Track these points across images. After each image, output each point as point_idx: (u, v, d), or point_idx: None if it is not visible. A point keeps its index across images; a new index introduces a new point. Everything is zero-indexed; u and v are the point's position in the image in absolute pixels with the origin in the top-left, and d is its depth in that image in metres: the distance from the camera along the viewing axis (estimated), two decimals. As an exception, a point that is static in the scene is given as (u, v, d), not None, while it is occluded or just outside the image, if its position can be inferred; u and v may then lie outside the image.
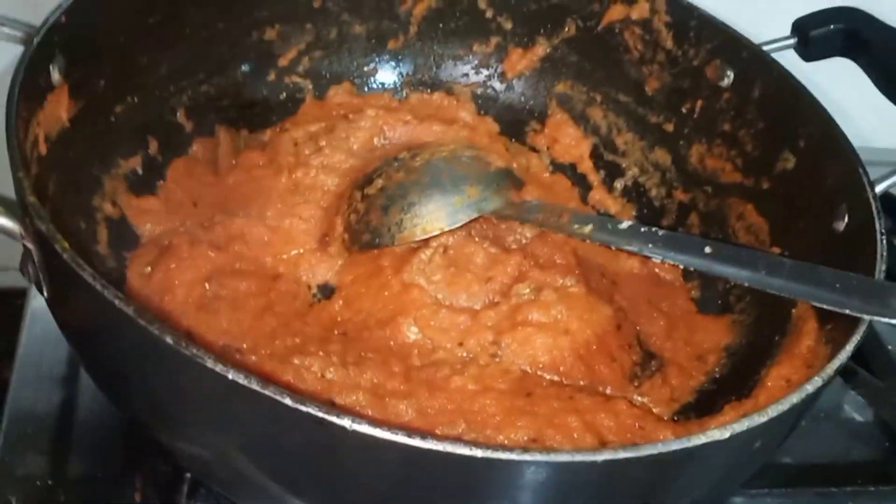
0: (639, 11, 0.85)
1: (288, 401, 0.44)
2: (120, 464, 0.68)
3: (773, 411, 0.49)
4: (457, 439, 0.46)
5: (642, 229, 0.67)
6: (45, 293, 0.52)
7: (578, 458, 0.45)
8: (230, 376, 0.44)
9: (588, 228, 0.70)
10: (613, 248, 0.73)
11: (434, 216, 0.74)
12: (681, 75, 0.85)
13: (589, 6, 0.87)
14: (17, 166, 0.52)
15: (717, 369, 0.75)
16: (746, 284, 0.61)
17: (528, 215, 0.74)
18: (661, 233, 0.66)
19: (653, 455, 0.46)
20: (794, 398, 0.50)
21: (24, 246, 0.52)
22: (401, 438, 0.43)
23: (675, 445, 0.47)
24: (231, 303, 0.70)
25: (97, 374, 0.59)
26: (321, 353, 0.67)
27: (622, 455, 0.45)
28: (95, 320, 0.50)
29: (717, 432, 0.47)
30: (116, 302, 0.46)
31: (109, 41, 0.71)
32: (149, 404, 0.53)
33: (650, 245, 0.66)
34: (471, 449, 0.44)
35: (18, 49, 0.82)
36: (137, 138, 0.76)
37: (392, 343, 0.70)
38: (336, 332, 0.71)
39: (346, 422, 0.44)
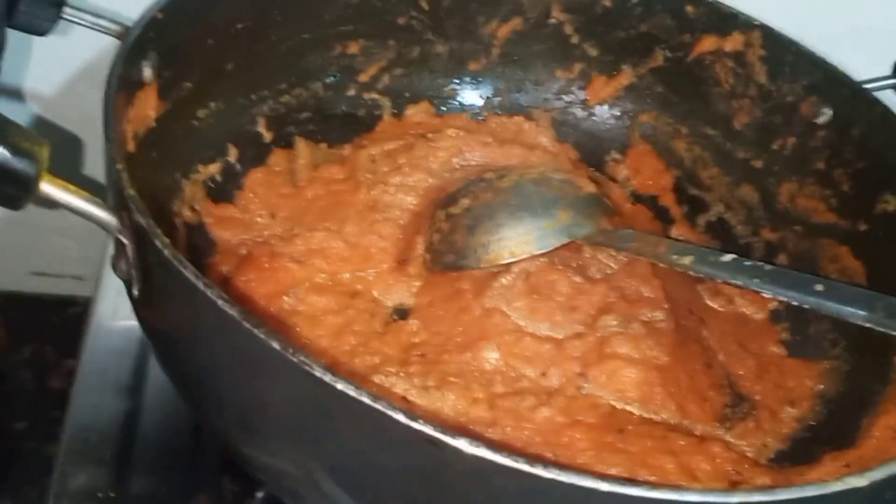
0: (732, 44, 0.82)
1: (401, 417, 0.41)
2: (185, 481, 0.65)
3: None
4: (583, 470, 0.43)
5: (746, 263, 0.64)
6: (136, 291, 0.50)
7: (711, 498, 0.41)
8: (339, 387, 0.42)
9: (688, 260, 0.67)
10: (719, 280, 0.69)
11: (523, 239, 0.71)
12: (773, 111, 0.82)
13: (679, 37, 0.84)
14: (115, 158, 0.50)
15: (811, 416, 0.71)
16: (867, 325, 0.58)
17: (622, 243, 0.71)
18: (767, 267, 0.63)
19: (788, 500, 0.42)
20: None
21: (118, 241, 0.49)
22: (522, 466, 0.40)
23: (812, 491, 0.43)
24: (310, 318, 0.67)
25: (181, 380, 0.56)
26: (402, 374, 0.64)
27: (757, 498, 0.42)
28: (191, 321, 0.47)
29: (855, 479, 0.44)
30: (220, 302, 0.43)
31: (199, 44, 0.70)
32: (238, 413, 0.50)
33: (756, 280, 0.63)
34: (597, 482, 0.40)
35: (100, 41, 0.82)
36: (218, 145, 0.75)
37: (473, 368, 0.67)
38: (415, 353, 0.68)
39: (462, 443, 0.41)
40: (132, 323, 0.74)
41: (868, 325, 0.58)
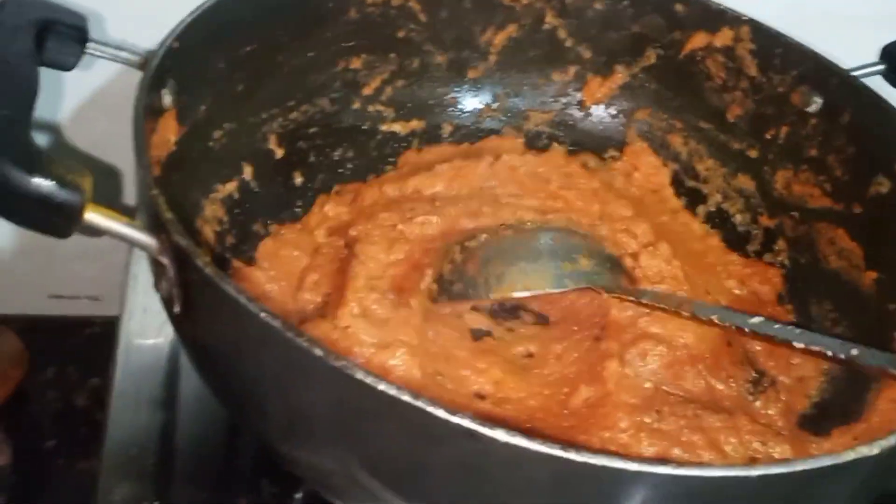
0: (722, 39, 0.85)
1: (442, 413, 0.44)
2: (224, 486, 0.67)
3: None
4: (612, 452, 0.45)
5: (776, 325, 0.64)
6: (177, 308, 0.52)
7: (732, 473, 0.44)
8: (380, 387, 0.44)
9: (715, 317, 0.67)
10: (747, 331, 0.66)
11: (539, 275, 0.70)
12: (765, 102, 0.85)
13: (670, 35, 0.87)
14: (149, 185, 0.52)
15: (817, 394, 0.74)
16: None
17: (643, 297, 0.71)
18: (797, 330, 0.64)
19: (806, 470, 0.45)
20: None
21: (157, 262, 0.52)
22: (558, 452, 0.43)
23: (826, 461, 0.46)
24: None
25: (223, 390, 0.58)
26: None
27: (775, 471, 0.45)
28: (234, 335, 0.50)
29: (865, 448, 0.47)
30: (262, 315, 0.46)
31: (212, 68, 0.72)
32: (281, 418, 0.53)
33: (787, 336, 0.63)
34: (625, 462, 0.43)
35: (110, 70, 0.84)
36: (233, 164, 0.77)
37: None
38: None
39: (498, 434, 0.43)
40: (160, 340, 0.77)
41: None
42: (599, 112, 0.93)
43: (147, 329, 0.77)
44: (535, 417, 0.66)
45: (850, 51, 0.84)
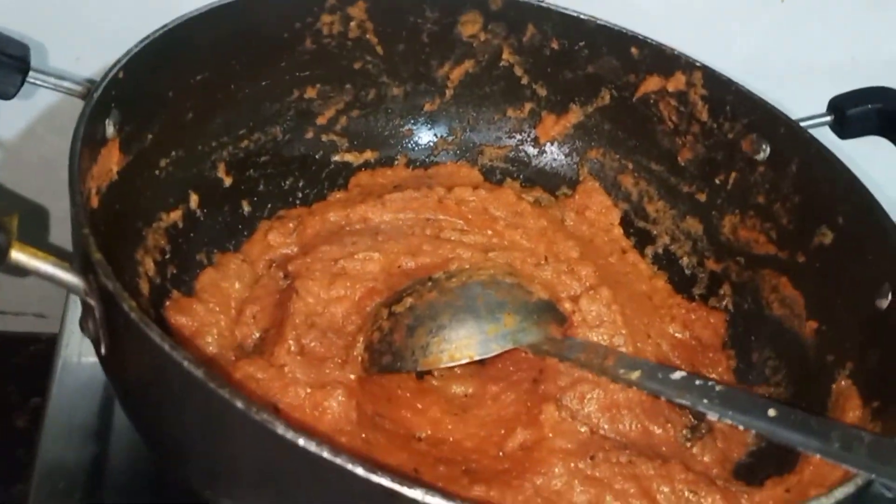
0: (675, 84, 0.86)
1: (360, 470, 0.43)
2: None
3: (840, 494, 0.49)
4: None
5: (697, 382, 0.65)
6: (103, 350, 0.52)
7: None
8: (300, 443, 0.44)
9: (636, 375, 0.67)
10: (663, 398, 0.68)
11: (464, 343, 0.70)
12: (715, 147, 0.86)
13: (625, 77, 0.88)
14: (81, 223, 0.52)
15: (754, 442, 0.74)
16: (817, 456, 0.59)
17: (569, 353, 0.71)
18: (718, 388, 0.64)
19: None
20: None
21: (86, 302, 0.51)
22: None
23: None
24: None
25: (147, 432, 0.58)
26: None
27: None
28: (158, 380, 0.49)
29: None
30: (185, 364, 0.46)
31: (159, 97, 0.72)
32: (203, 464, 0.52)
33: (705, 400, 0.63)
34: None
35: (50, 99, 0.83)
36: (179, 192, 0.76)
37: None
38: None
39: (418, 493, 0.43)
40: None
41: (824, 457, 0.58)
42: (553, 150, 0.93)
43: (85, 348, 0.76)
44: (470, 459, 0.66)
45: (803, 100, 0.85)
